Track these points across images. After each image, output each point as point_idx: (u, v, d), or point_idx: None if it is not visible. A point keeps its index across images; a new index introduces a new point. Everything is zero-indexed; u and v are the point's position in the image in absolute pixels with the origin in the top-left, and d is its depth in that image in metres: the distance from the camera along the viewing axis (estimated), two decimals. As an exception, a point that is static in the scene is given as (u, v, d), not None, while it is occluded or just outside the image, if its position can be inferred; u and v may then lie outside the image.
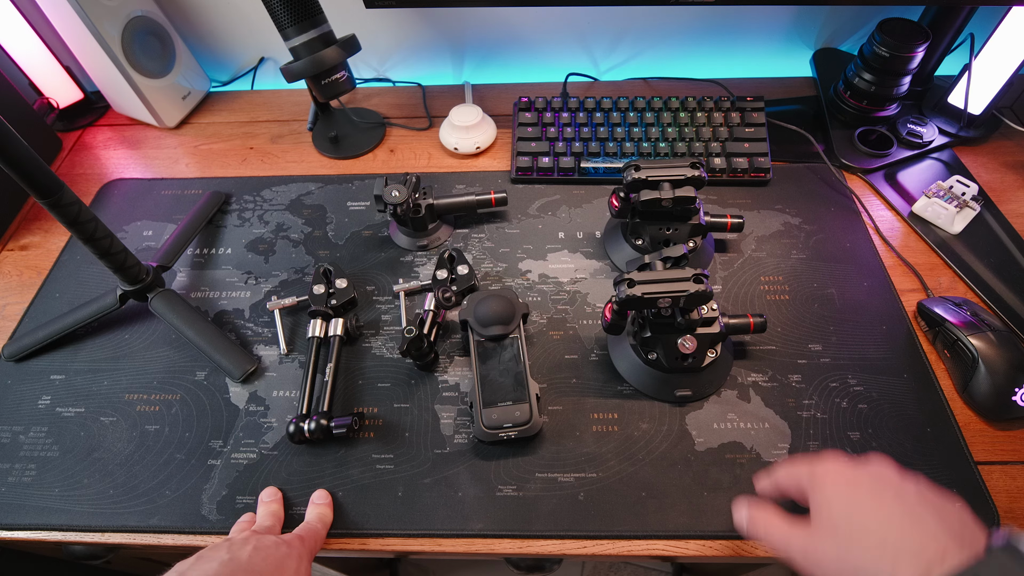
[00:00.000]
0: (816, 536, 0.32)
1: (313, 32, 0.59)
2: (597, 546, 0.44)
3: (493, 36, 0.79)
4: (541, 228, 0.63)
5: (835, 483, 0.32)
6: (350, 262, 0.61)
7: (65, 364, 0.55)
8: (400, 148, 0.73)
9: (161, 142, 0.76)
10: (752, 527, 0.37)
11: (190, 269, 0.62)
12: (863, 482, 0.31)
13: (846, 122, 0.70)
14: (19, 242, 0.66)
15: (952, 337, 0.50)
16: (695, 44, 0.79)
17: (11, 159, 0.40)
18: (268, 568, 0.37)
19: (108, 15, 0.66)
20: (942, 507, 0.30)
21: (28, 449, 0.50)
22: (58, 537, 0.46)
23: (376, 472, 0.47)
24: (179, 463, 0.49)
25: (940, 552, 0.27)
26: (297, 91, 0.81)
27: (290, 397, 0.52)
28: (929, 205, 0.61)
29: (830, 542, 0.31)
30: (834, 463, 0.34)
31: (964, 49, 0.66)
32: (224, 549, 0.37)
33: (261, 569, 0.37)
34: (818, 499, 0.32)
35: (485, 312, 0.49)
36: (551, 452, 0.48)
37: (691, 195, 0.52)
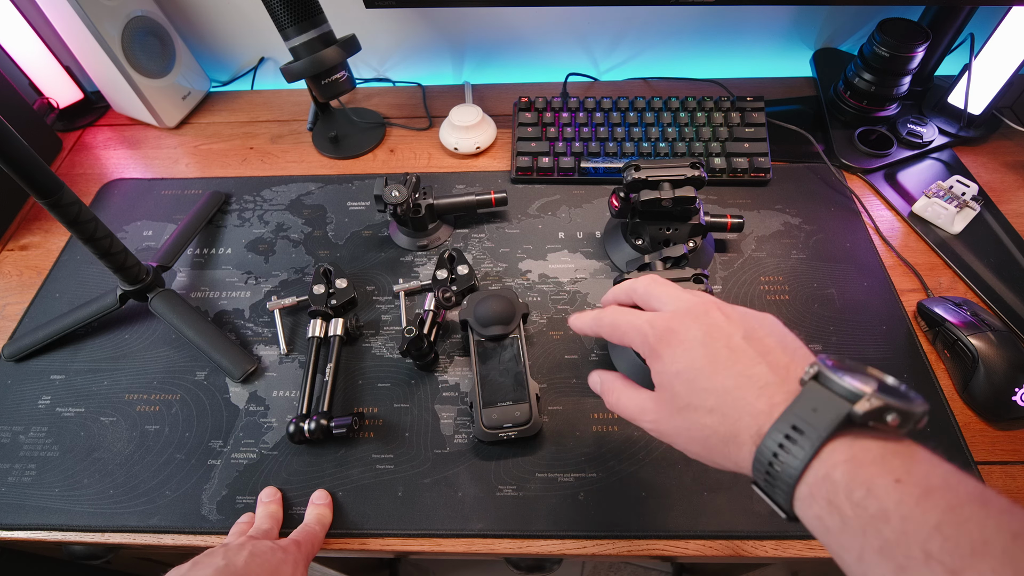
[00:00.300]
0: (663, 409, 0.31)
1: (313, 32, 0.59)
2: (597, 546, 0.44)
3: (493, 36, 0.79)
4: (541, 228, 0.63)
5: (671, 352, 0.30)
6: (350, 262, 0.61)
7: (65, 364, 0.55)
8: (400, 148, 0.73)
9: (161, 142, 0.76)
10: (604, 396, 0.36)
11: (190, 269, 0.62)
12: (694, 341, 0.30)
13: (846, 122, 0.70)
14: (19, 242, 0.66)
15: (952, 337, 0.50)
16: (695, 44, 0.79)
17: (11, 159, 0.40)
18: (264, 574, 0.37)
19: (108, 15, 0.66)
20: (767, 347, 0.29)
21: (28, 449, 0.50)
22: (58, 537, 0.46)
23: (376, 472, 0.47)
24: (179, 463, 0.49)
25: (768, 404, 0.27)
26: (297, 91, 0.81)
27: (290, 397, 0.52)
28: (929, 205, 0.61)
29: (677, 417, 0.30)
30: (660, 319, 0.31)
31: (964, 49, 0.66)
32: (220, 555, 0.37)
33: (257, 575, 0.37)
34: (659, 370, 0.31)
35: (485, 312, 0.49)
36: (551, 452, 0.48)
37: (691, 195, 0.51)
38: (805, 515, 0.25)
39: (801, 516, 0.25)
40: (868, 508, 0.22)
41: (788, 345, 0.30)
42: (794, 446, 0.25)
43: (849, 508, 0.23)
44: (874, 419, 0.24)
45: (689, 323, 0.30)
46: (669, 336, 0.31)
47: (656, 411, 0.32)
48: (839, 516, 0.23)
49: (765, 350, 0.29)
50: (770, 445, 0.25)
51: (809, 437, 0.24)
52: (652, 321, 0.32)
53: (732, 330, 0.30)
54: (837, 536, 0.23)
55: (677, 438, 0.31)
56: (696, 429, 0.29)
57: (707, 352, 0.29)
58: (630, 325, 0.33)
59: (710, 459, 0.30)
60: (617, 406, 0.35)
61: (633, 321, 0.33)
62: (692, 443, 0.30)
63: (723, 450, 0.28)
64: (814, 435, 0.24)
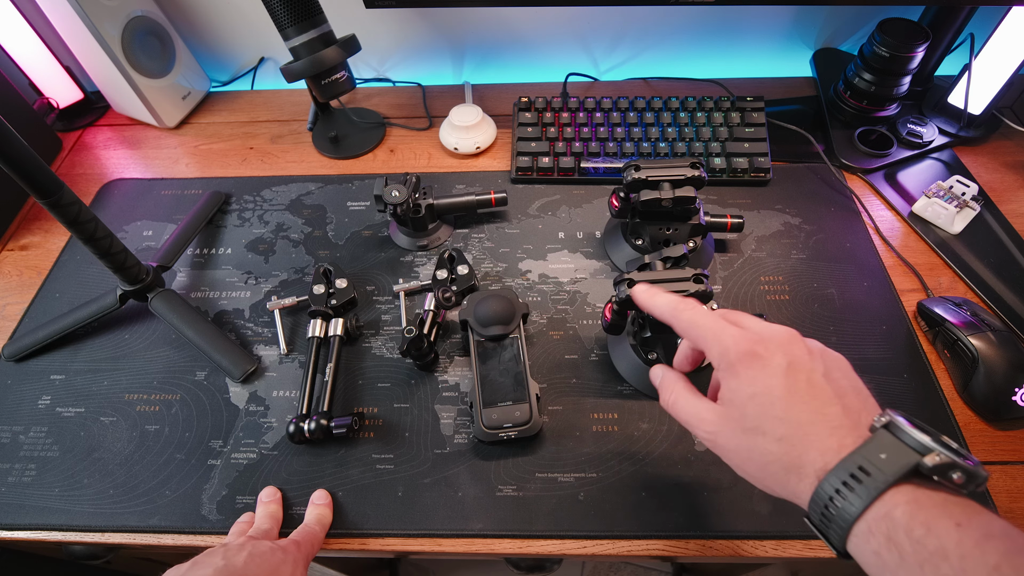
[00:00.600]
0: (728, 425, 0.31)
1: (313, 32, 0.59)
2: (597, 546, 0.44)
3: (493, 36, 0.79)
4: (541, 228, 0.63)
5: (751, 375, 0.30)
6: (350, 262, 0.61)
7: (65, 364, 0.55)
8: (400, 148, 0.73)
9: (161, 142, 0.76)
10: (662, 392, 0.36)
11: (190, 269, 0.62)
12: (777, 369, 0.30)
13: (846, 122, 0.70)
14: (19, 242, 0.66)
15: (952, 337, 0.50)
16: (695, 44, 0.79)
17: (11, 159, 0.40)
18: (263, 574, 0.37)
19: (108, 15, 0.66)
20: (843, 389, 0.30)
21: (28, 449, 0.50)
22: (58, 537, 0.46)
23: (376, 472, 0.47)
24: (179, 463, 0.49)
25: (838, 444, 0.27)
26: (297, 91, 0.81)
27: (290, 397, 0.52)
28: (929, 205, 0.61)
29: (742, 437, 0.30)
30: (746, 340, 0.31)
31: (964, 49, 0.66)
32: (219, 555, 0.38)
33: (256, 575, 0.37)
34: (732, 387, 0.31)
35: (485, 312, 0.49)
36: (551, 452, 0.48)
37: (691, 195, 0.51)
38: (861, 551, 0.26)
39: (856, 552, 0.26)
40: (928, 546, 0.23)
41: (861, 391, 0.30)
42: (859, 485, 0.25)
43: (908, 545, 0.23)
44: (940, 474, 0.25)
45: (774, 350, 0.30)
46: (752, 358, 0.30)
47: (717, 425, 0.32)
48: (898, 552, 0.24)
49: (841, 392, 0.29)
50: (833, 482, 0.26)
51: (875, 479, 0.25)
52: (737, 337, 0.31)
53: (813, 366, 0.30)
54: (894, 571, 0.24)
55: (734, 456, 0.31)
56: (759, 453, 0.29)
57: (787, 383, 0.29)
58: (712, 332, 0.32)
59: (763, 483, 0.30)
60: (673, 407, 0.35)
61: (716, 329, 0.32)
62: (749, 464, 0.30)
63: (782, 478, 0.29)
64: (880, 478, 0.25)
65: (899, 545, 0.24)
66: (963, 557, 0.22)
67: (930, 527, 0.23)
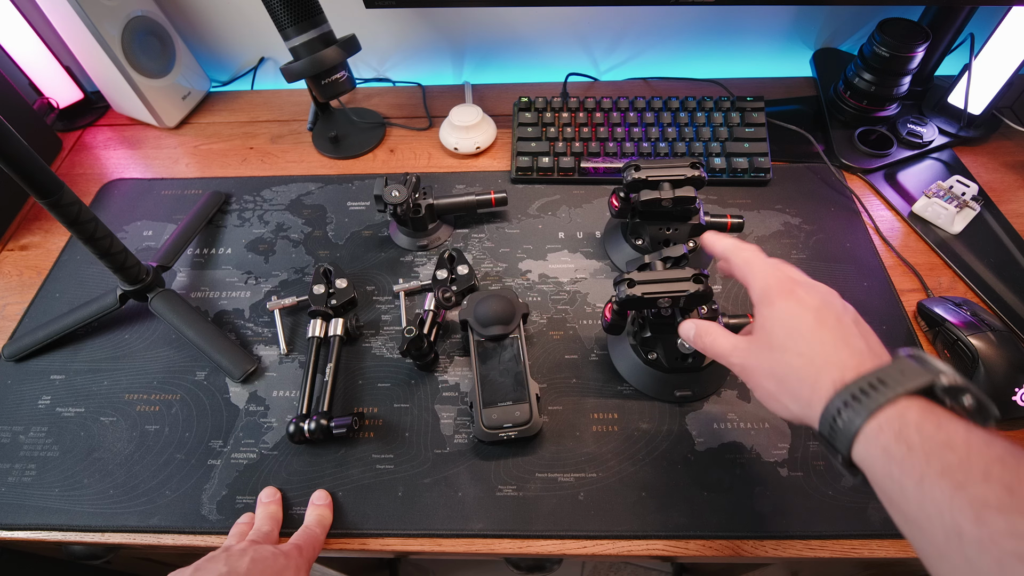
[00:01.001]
0: (755, 346, 0.34)
1: (313, 32, 0.59)
2: (597, 546, 0.44)
3: (493, 36, 0.79)
4: (541, 228, 0.63)
5: (785, 305, 0.33)
6: (350, 262, 0.61)
7: (65, 364, 0.55)
8: (400, 148, 0.73)
9: (161, 142, 0.76)
10: (699, 338, 0.39)
11: (190, 269, 0.62)
12: (811, 306, 0.33)
13: (846, 122, 0.70)
14: (19, 242, 0.66)
15: (952, 337, 0.50)
16: (695, 44, 0.79)
17: (11, 159, 0.40)
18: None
19: (108, 15, 0.66)
20: (869, 334, 0.32)
21: (28, 449, 0.50)
22: (58, 537, 0.46)
23: (376, 472, 0.47)
24: (179, 463, 0.49)
25: (857, 364, 0.30)
26: (297, 91, 0.81)
27: (290, 397, 0.52)
28: (929, 205, 0.61)
29: (767, 353, 0.33)
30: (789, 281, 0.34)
31: (964, 49, 0.66)
32: (222, 560, 0.37)
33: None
34: (765, 314, 0.34)
35: (485, 312, 0.49)
36: (551, 452, 0.48)
37: (691, 195, 0.51)
38: (869, 450, 0.27)
39: (862, 454, 0.27)
40: (936, 438, 0.25)
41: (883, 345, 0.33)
42: (874, 392, 0.27)
43: (917, 438, 0.25)
44: (953, 396, 0.26)
45: (812, 292, 0.33)
46: (789, 293, 0.33)
47: (747, 348, 0.35)
48: (906, 445, 0.25)
49: (868, 335, 0.32)
50: (852, 389, 0.28)
51: (891, 387, 0.27)
52: (781, 278, 0.35)
53: (845, 312, 0.33)
54: (900, 463, 0.25)
55: (756, 372, 0.34)
56: (780, 366, 0.32)
57: (817, 317, 0.32)
58: (761, 270, 0.36)
59: (779, 398, 0.32)
60: (712, 345, 0.37)
61: (766, 269, 0.36)
62: (769, 379, 0.33)
63: (797, 390, 0.31)
64: (897, 386, 0.27)
65: (908, 439, 0.25)
66: (968, 447, 0.24)
67: (940, 424, 0.25)
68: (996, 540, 0.22)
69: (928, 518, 0.24)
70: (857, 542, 0.43)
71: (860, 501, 0.45)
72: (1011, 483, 0.22)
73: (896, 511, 0.27)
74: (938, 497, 0.24)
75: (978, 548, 0.22)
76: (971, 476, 0.23)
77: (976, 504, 0.23)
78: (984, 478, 0.23)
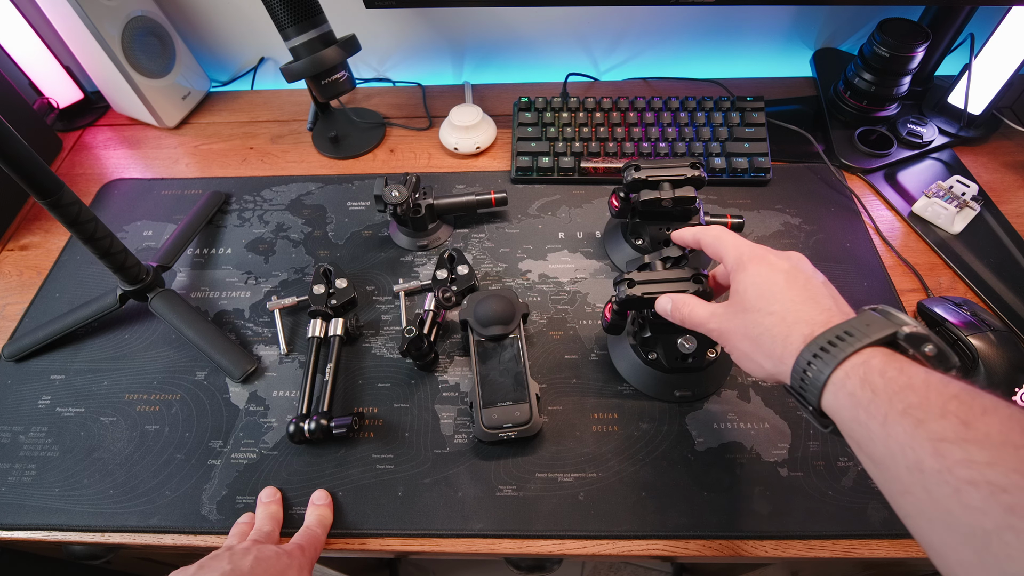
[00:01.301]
0: (731, 310, 0.36)
1: (313, 32, 0.59)
2: (597, 546, 0.44)
3: (493, 36, 0.79)
4: (541, 228, 0.63)
5: (757, 269, 0.35)
6: (350, 262, 0.61)
7: (65, 364, 0.55)
8: (400, 148, 0.73)
9: (161, 142, 0.76)
10: (676, 311, 0.40)
11: (190, 269, 0.62)
12: (781, 269, 0.35)
13: (846, 122, 0.70)
14: (19, 242, 0.66)
15: (952, 337, 0.50)
16: (695, 44, 0.79)
17: (11, 159, 0.40)
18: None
19: (108, 15, 0.66)
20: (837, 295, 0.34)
21: (28, 449, 0.50)
22: (58, 537, 0.46)
23: (376, 472, 0.47)
24: (179, 463, 0.49)
25: (825, 319, 0.31)
26: (297, 91, 0.81)
27: (290, 397, 0.52)
28: (929, 205, 0.61)
29: (742, 315, 0.35)
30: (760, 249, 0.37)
31: (964, 49, 0.66)
32: (225, 559, 0.37)
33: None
34: (739, 279, 0.36)
35: (485, 312, 0.49)
36: (551, 452, 0.48)
37: (691, 195, 0.51)
38: (836, 397, 0.28)
39: (831, 402, 0.29)
40: (898, 381, 0.26)
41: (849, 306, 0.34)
42: (841, 343, 0.29)
43: (881, 382, 0.27)
44: (915, 344, 0.28)
45: (782, 258, 0.36)
46: (760, 259, 0.36)
47: (723, 313, 0.36)
48: (871, 389, 0.27)
49: (836, 295, 0.34)
50: (819, 341, 0.30)
51: (857, 339, 0.29)
52: (753, 246, 0.37)
53: (814, 275, 0.35)
54: (866, 407, 0.27)
55: (732, 335, 0.35)
56: (752, 326, 0.34)
57: (787, 278, 0.34)
58: (732, 241, 0.38)
59: (753, 357, 0.34)
60: (690, 315, 0.39)
61: (735, 240, 0.38)
62: (744, 340, 0.34)
63: (770, 347, 0.32)
64: (863, 338, 0.28)
65: (872, 383, 0.27)
66: (927, 387, 0.25)
67: (902, 369, 0.27)
68: (952, 469, 0.23)
69: (892, 456, 0.25)
70: (857, 542, 0.43)
71: (860, 501, 0.45)
72: (966, 417, 0.24)
73: (864, 455, 0.28)
74: (900, 435, 0.25)
75: (937, 479, 0.23)
76: (930, 413, 0.25)
77: (934, 438, 0.24)
78: (942, 414, 0.24)
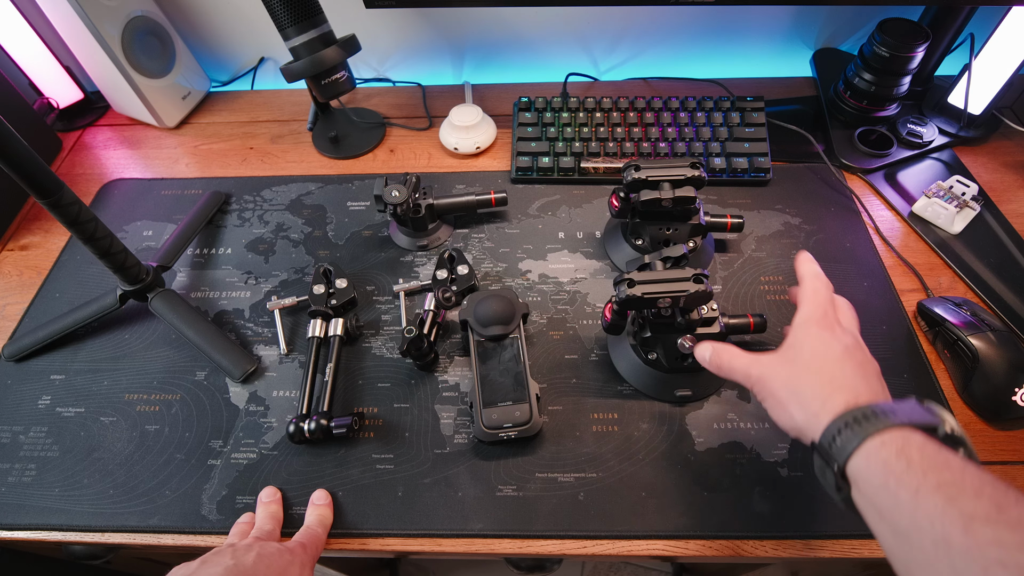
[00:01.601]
0: (779, 359, 0.37)
1: (313, 32, 0.59)
2: (597, 546, 0.44)
3: (493, 36, 0.79)
4: (541, 228, 0.63)
5: (820, 332, 0.36)
6: (350, 262, 0.61)
7: (65, 364, 0.55)
8: (400, 148, 0.73)
9: (161, 142, 0.76)
10: (716, 357, 0.41)
11: (190, 269, 0.62)
12: (843, 342, 0.36)
13: (846, 122, 0.70)
14: (19, 242, 0.66)
15: (952, 337, 0.50)
16: (695, 44, 0.79)
17: (11, 159, 0.40)
18: (272, 575, 0.37)
19: (108, 15, 0.66)
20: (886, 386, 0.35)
21: (28, 449, 0.50)
22: (58, 537, 0.46)
23: (376, 472, 0.47)
24: (179, 463, 0.48)
25: (870, 395, 0.33)
26: (297, 91, 0.81)
27: (290, 397, 0.52)
28: (929, 205, 0.61)
29: (788, 366, 0.36)
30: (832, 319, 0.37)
31: (964, 49, 0.65)
32: (228, 555, 0.38)
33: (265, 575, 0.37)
34: (800, 335, 0.37)
35: (485, 312, 0.48)
36: (551, 452, 0.48)
37: (691, 195, 0.51)
38: (869, 462, 0.29)
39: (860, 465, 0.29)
40: (934, 459, 0.27)
41: None
42: (883, 416, 0.30)
43: (918, 456, 0.28)
44: (952, 444, 0.29)
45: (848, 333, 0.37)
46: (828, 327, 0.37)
47: (769, 361, 0.37)
48: (906, 460, 0.28)
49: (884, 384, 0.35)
50: (863, 410, 0.31)
51: (899, 415, 0.30)
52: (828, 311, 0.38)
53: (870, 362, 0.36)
54: (898, 476, 0.28)
55: (773, 382, 0.36)
56: (797, 379, 0.35)
57: (845, 351, 0.35)
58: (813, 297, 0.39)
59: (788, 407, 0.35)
60: (731, 362, 0.40)
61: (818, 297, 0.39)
62: (783, 389, 0.35)
63: (808, 402, 0.33)
64: (904, 417, 0.30)
65: (908, 456, 0.28)
66: (964, 469, 0.26)
67: (939, 450, 0.28)
68: (982, 548, 0.24)
69: (919, 528, 0.26)
70: (857, 542, 0.43)
71: (860, 501, 0.45)
72: (1000, 501, 0.25)
73: (886, 525, 0.28)
74: (931, 508, 0.26)
75: (965, 556, 0.24)
76: (964, 492, 0.25)
77: (966, 516, 0.25)
78: (976, 495, 0.25)
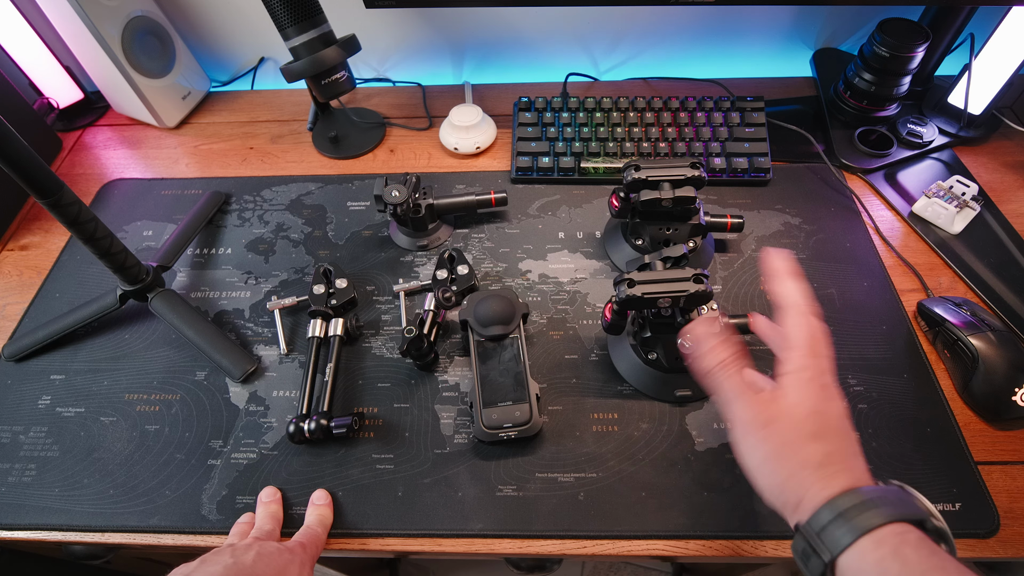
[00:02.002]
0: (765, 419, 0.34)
1: (313, 32, 0.59)
2: (597, 546, 0.44)
3: (493, 36, 0.79)
4: (541, 228, 0.63)
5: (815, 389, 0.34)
6: (350, 262, 0.61)
7: (65, 364, 0.55)
8: (400, 148, 0.73)
9: (161, 142, 0.76)
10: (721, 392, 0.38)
11: (190, 269, 0.62)
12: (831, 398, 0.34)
13: (846, 122, 0.70)
14: (19, 242, 0.66)
15: (952, 337, 0.50)
16: (695, 44, 0.79)
17: (11, 159, 0.40)
18: (271, 574, 0.37)
19: (108, 15, 0.66)
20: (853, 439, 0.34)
21: (28, 449, 0.50)
22: (58, 537, 0.46)
23: (376, 472, 0.47)
24: (179, 463, 0.49)
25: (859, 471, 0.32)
26: (297, 91, 0.81)
27: (290, 397, 0.52)
28: (929, 205, 0.61)
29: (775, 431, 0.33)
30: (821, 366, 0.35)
31: (964, 49, 0.65)
32: (228, 554, 0.38)
33: (264, 575, 0.37)
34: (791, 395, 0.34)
35: (485, 312, 0.49)
36: (551, 452, 0.48)
37: (691, 195, 0.51)
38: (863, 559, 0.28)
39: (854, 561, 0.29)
40: (931, 560, 0.27)
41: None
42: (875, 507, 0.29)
43: (915, 557, 0.27)
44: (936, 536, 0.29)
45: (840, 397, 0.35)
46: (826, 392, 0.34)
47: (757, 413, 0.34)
48: (900, 562, 0.27)
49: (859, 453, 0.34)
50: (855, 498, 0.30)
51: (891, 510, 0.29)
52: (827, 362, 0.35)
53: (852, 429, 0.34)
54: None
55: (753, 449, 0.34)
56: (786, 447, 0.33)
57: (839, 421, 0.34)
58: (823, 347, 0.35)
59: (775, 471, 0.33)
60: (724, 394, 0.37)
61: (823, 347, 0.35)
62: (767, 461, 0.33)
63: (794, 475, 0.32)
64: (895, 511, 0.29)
65: (903, 557, 0.27)
66: (960, 572, 0.27)
67: (935, 552, 0.28)
68: None
69: None
70: (857, 542, 0.43)
71: (860, 501, 0.45)
72: None
73: None
74: None
75: None
76: None
77: None
78: None
